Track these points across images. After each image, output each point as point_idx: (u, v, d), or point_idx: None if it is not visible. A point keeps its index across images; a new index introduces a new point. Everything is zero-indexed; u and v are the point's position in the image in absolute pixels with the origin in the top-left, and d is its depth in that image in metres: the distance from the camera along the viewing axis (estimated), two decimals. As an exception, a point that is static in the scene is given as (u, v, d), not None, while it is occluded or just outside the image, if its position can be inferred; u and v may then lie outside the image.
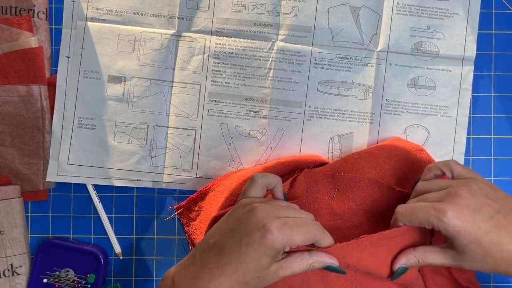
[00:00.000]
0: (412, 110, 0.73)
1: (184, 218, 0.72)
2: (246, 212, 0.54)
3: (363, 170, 0.66)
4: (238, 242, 0.53)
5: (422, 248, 0.58)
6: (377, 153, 0.68)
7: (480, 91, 0.74)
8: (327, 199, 0.66)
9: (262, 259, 0.52)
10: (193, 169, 0.73)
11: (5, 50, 0.71)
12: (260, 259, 0.52)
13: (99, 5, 0.73)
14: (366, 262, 0.58)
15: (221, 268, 0.53)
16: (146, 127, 0.73)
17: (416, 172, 0.67)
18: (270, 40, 0.72)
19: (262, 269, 0.52)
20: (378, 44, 0.72)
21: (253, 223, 0.53)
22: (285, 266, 0.54)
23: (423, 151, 0.68)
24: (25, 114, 0.72)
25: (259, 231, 0.52)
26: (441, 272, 0.66)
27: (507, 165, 0.74)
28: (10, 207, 0.71)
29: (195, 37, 0.73)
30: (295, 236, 0.52)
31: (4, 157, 0.72)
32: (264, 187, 0.59)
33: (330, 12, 0.72)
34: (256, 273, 0.52)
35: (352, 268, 0.58)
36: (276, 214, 0.54)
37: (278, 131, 0.72)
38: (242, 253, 0.52)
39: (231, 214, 0.56)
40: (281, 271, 0.54)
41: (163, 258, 0.73)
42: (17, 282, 0.71)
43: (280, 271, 0.54)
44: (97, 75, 0.73)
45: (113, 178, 0.72)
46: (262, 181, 0.58)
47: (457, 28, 0.72)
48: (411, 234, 0.59)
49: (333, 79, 0.72)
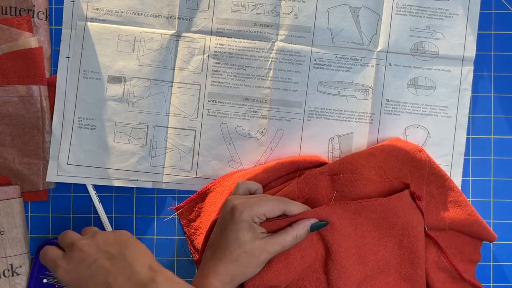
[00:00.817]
0: (411, 110, 0.73)
1: (184, 219, 0.72)
2: (223, 208, 0.62)
3: (362, 170, 0.66)
4: (220, 231, 0.61)
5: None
6: (377, 153, 0.68)
7: (479, 91, 0.74)
8: (327, 201, 0.66)
9: (239, 234, 0.59)
10: (193, 169, 0.73)
11: (5, 51, 0.71)
12: (237, 235, 0.59)
13: (99, 6, 0.73)
14: (338, 223, 0.63)
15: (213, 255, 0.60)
16: (146, 127, 0.73)
17: (415, 172, 0.67)
18: (270, 40, 0.72)
19: (244, 244, 0.59)
20: (378, 44, 0.72)
21: (226, 211, 0.61)
22: (271, 242, 0.60)
23: (423, 152, 0.68)
24: (25, 114, 0.72)
25: (230, 213, 0.60)
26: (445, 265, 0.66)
27: (506, 165, 0.74)
28: (10, 207, 0.71)
29: (195, 37, 0.73)
30: (258, 207, 0.60)
31: (4, 157, 0.72)
32: (246, 191, 0.65)
33: (330, 12, 0.72)
34: (241, 248, 0.59)
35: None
36: (242, 197, 0.62)
37: (278, 131, 0.72)
38: (223, 236, 0.60)
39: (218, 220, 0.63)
40: (268, 246, 0.59)
41: (163, 258, 0.74)
42: (17, 282, 0.71)
43: (267, 246, 0.59)
44: (97, 75, 0.73)
45: (113, 178, 0.72)
46: (243, 186, 0.65)
47: (456, 28, 0.72)
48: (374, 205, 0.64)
49: (333, 79, 0.72)
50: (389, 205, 0.64)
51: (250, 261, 0.59)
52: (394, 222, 0.64)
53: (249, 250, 0.59)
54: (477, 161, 0.74)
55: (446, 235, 0.67)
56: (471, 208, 0.68)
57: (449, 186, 0.68)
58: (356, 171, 0.66)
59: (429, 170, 0.68)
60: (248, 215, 0.59)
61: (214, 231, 0.62)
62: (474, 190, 0.74)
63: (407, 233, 0.64)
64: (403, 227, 0.64)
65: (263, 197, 0.62)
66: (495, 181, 0.74)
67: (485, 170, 0.74)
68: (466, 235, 0.68)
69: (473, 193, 0.73)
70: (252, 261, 0.59)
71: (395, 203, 0.64)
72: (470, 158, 0.74)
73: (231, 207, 0.60)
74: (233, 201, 0.61)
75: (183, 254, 0.74)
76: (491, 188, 0.74)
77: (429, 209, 0.67)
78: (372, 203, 0.64)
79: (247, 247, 0.59)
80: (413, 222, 0.64)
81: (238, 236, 0.59)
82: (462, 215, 0.67)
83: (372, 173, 0.66)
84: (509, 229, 0.74)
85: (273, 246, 0.60)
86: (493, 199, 0.74)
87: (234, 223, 0.59)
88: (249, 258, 0.59)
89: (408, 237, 0.64)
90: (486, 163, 0.74)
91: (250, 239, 0.59)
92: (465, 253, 0.68)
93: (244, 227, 0.59)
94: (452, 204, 0.68)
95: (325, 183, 0.67)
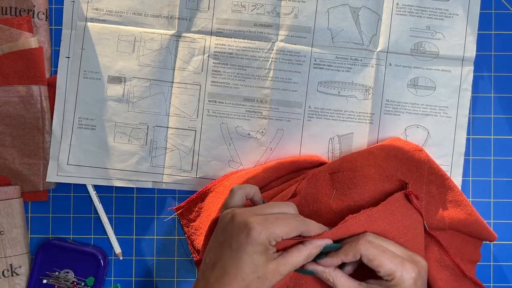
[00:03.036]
0: (412, 110, 0.73)
1: (184, 219, 0.72)
2: (229, 220, 0.56)
3: (362, 168, 0.66)
4: (229, 250, 0.54)
5: (340, 273, 0.59)
6: (376, 152, 0.68)
7: (479, 91, 0.74)
8: (326, 199, 0.66)
9: (254, 258, 0.53)
10: (193, 169, 0.73)
11: (5, 51, 0.71)
12: (253, 259, 0.53)
13: (99, 6, 0.73)
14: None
15: (220, 281, 0.54)
16: (146, 127, 0.73)
17: (415, 172, 0.67)
18: (270, 40, 0.72)
19: (258, 269, 0.53)
20: (378, 45, 0.72)
21: (237, 226, 0.55)
22: (283, 262, 0.55)
23: (422, 151, 0.68)
24: (25, 115, 0.72)
25: (243, 232, 0.54)
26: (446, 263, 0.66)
27: (506, 166, 0.74)
28: (10, 207, 0.71)
29: (195, 37, 0.73)
30: (277, 228, 0.54)
31: (4, 157, 0.72)
32: (243, 196, 0.61)
33: (330, 13, 0.72)
34: (254, 273, 0.53)
35: None
36: (255, 213, 0.56)
37: (278, 131, 0.72)
38: (235, 259, 0.54)
39: (217, 229, 0.58)
40: (281, 267, 0.55)
41: (163, 259, 0.73)
42: (16, 283, 0.71)
43: (280, 267, 0.55)
44: (97, 75, 0.73)
45: (113, 179, 0.72)
46: (240, 192, 0.61)
47: (457, 28, 0.72)
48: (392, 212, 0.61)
49: (333, 79, 0.72)
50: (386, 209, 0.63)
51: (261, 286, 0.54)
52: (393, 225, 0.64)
53: (262, 275, 0.54)
54: (477, 161, 0.74)
55: (446, 235, 0.67)
56: (470, 207, 0.68)
57: (448, 186, 0.68)
58: (356, 170, 0.66)
59: (429, 170, 0.68)
60: (266, 237, 0.54)
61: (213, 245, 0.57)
62: (474, 190, 0.74)
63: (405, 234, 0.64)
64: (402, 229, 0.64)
65: (281, 217, 0.56)
66: (495, 181, 0.74)
67: (485, 170, 0.74)
68: (466, 234, 0.68)
69: (473, 193, 0.73)
70: (264, 285, 0.54)
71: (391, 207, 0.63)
72: (470, 158, 0.74)
73: (245, 226, 0.54)
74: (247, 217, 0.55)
75: (183, 254, 0.73)
76: (491, 188, 0.74)
77: (428, 209, 0.67)
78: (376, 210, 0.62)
79: (260, 272, 0.54)
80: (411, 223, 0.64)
81: (254, 260, 0.53)
82: (462, 214, 0.67)
83: (372, 172, 0.66)
84: (509, 229, 0.74)
85: (285, 267, 0.55)
86: (493, 199, 0.74)
87: (250, 244, 0.53)
88: (261, 283, 0.54)
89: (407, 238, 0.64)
90: (486, 163, 0.74)
91: (263, 262, 0.54)
92: (465, 253, 0.68)
93: (260, 249, 0.54)
94: (451, 204, 0.68)
95: (324, 182, 0.67)
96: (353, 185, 0.65)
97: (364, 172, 0.66)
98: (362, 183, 0.65)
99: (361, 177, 0.65)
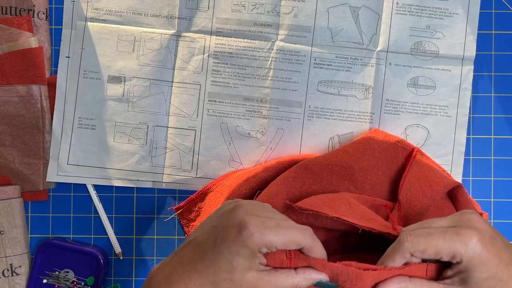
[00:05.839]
0: (412, 110, 0.73)
1: (184, 219, 0.72)
2: (229, 209, 0.51)
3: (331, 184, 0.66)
4: (214, 238, 0.50)
5: (419, 281, 0.50)
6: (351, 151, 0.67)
7: (480, 91, 0.74)
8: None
9: (234, 258, 0.48)
10: (193, 169, 0.73)
11: (5, 50, 0.71)
12: (232, 258, 0.48)
13: (98, 5, 0.73)
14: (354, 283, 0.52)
15: (193, 264, 0.50)
16: (146, 127, 0.73)
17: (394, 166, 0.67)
18: (270, 40, 0.72)
19: (234, 271, 0.48)
20: (378, 44, 0.72)
21: (232, 219, 0.49)
22: (266, 280, 0.49)
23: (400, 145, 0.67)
24: (25, 114, 0.72)
25: (235, 228, 0.49)
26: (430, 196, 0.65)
27: (507, 165, 0.74)
28: (10, 207, 0.71)
29: (194, 37, 0.73)
30: (273, 236, 0.48)
31: (4, 157, 0.72)
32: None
33: (330, 12, 0.72)
34: (228, 274, 0.48)
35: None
36: (257, 213, 0.50)
37: (278, 131, 0.72)
38: (216, 250, 0.49)
39: (216, 211, 0.54)
40: (261, 283, 0.48)
41: (163, 258, 0.73)
42: (16, 282, 0.71)
43: (260, 283, 0.48)
44: (97, 75, 0.73)
45: (113, 178, 0.72)
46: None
47: (456, 27, 0.72)
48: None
49: (333, 79, 0.72)
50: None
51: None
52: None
53: (237, 280, 0.48)
54: (477, 161, 0.74)
55: (438, 204, 0.66)
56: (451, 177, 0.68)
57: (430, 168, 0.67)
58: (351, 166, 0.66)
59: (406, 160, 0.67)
60: (256, 243, 0.48)
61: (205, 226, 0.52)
62: (474, 190, 0.74)
63: None
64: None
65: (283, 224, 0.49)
66: (495, 181, 0.74)
67: (485, 170, 0.74)
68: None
69: (473, 193, 0.73)
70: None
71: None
72: (470, 158, 0.74)
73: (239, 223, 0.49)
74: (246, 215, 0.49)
75: (183, 254, 0.73)
76: (491, 188, 0.74)
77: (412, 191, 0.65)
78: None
79: (235, 276, 0.48)
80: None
81: (233, 260, 0.48)
82: (447, 181, 0.66)
83: (342, 209, 0.59)
84: (509, 229, 0.74)
85: (266, 285, 0.48)
86: (493, 199, 0.74)
87: (236, 243, 0.48)
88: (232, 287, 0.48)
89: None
90: (486, 163, 0.74)
91: (243, 268, 0.48)
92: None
93: (245, 253, 0.48)
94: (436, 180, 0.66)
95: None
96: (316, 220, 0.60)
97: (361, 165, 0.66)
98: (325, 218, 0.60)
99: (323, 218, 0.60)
